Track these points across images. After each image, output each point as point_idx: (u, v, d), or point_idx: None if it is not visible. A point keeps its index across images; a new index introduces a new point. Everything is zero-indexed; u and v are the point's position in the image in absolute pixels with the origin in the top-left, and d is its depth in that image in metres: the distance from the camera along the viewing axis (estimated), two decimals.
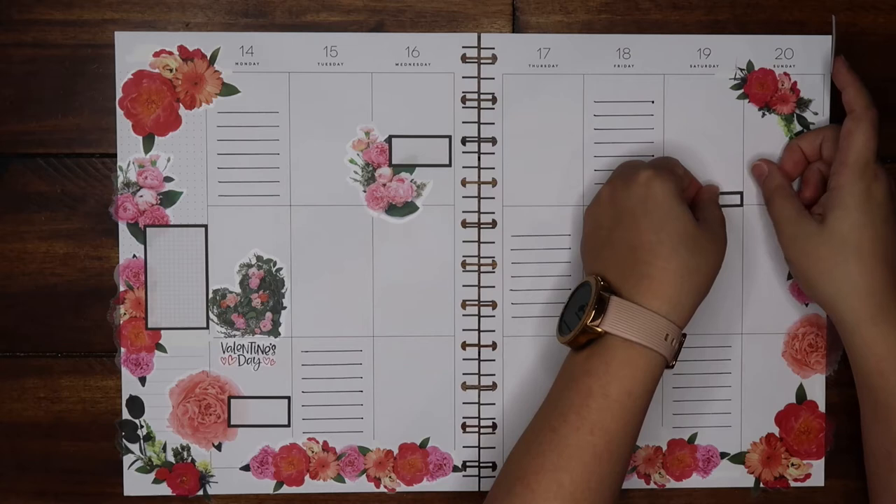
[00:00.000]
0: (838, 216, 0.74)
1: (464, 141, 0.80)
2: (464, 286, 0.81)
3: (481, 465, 0.81)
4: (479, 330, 0.81)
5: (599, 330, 0.70)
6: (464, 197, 0.80)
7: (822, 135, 0.79)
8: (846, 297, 0.74)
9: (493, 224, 0.80)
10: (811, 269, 0.75)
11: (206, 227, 0.80)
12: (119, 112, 0.79)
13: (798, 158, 0.80)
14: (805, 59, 0.80)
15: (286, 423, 0.81)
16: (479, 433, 0.81)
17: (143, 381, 0.80)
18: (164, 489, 0.81)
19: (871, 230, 0.74)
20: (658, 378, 0.71)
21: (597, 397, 0.70)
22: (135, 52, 0.79)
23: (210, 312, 0.80)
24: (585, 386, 0.70)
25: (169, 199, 0.80)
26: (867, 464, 0.77)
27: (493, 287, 0.81)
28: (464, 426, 0.81)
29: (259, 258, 0.80)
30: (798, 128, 0.81)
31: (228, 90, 0.79)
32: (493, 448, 0.81)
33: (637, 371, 0.70)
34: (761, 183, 0.80)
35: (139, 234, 0.80)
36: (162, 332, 0.80)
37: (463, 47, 0.80)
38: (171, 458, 0.81)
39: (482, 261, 0.81)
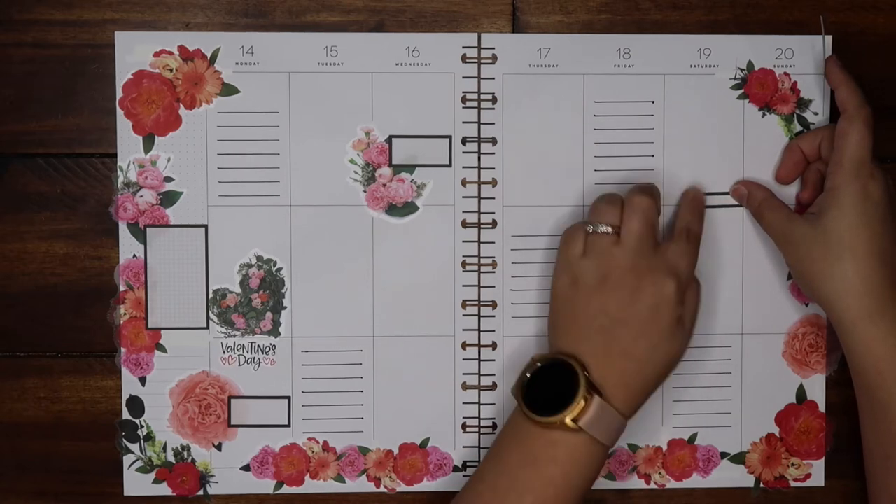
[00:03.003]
0: (834, 216, 0.74)
1: (464, 141, 0.80)
2: (464, 286, 0.81)
3: None
4: (479, 330, 0.81)
5: (572, 425, 0.71)
6: (464, 197, 0.80)
7: (821, 135, 0.79)
8: (843, 296, 0.74)
9: (493, 224, 0.80)
10: (809, 270, 0.75)
11: (206, 227, 0.80)
12: (119, 112, 0.79)
13: (798, 159, 0.80)
14: (805, 59, 0.80)
15: (286, 423, 0.81)
16: (479, 433, 0.81)
17: (143, 381, 0.80)
18: (164, 489, 0.81)
19: (868, 229, 0.74)
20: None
21: (558, 486, 0.72)
22: (135, 52, 0.79)
23: (210, 312, 0.80)
24: (549, 473, 0.72)
25: (169, 199, 0.80)
26: (866, 465, 0.77)
27: (493, 287, 0.81)
28: (464, 426, 0.81)
29: (259, 258, 0.80)
30: (798, 128, 0.81)
31: (228, 90, 0.79)
32: None
33: (596, 463, 0.73)
34: (746, 204, 0.80)
35: (139, 234, 0.80)
36: (162, 332, 0.80)
37: (463, 47, 0.80)
38: (171, 458, 0.81)
39: (482, 261, 0.81)
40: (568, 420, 0.71)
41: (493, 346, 0.81)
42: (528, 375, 0.73)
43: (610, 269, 0.73)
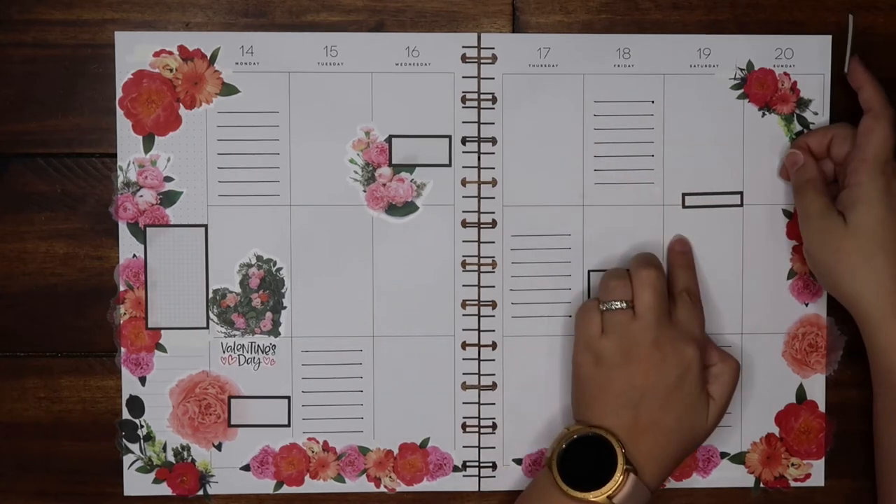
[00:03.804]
0: (863, 212, 0.74)
1: (464, 141, 0.80)
2: (464, 286, 0.81)
3: (481, 465, 0.81)
4: (479, 330, 0.81)
5: (607, 502, 0.73)
6: (464, 197, 0.80)
7: (831, 133, 0.78)
8: (873, 292, 0.73)
9: (493, 224, 0.80)
10: (837, 265, 0.75)
11: (206, 227, 0.80)
12: (119, 112, 0.79)
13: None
14: (805, 59, 0.80)
15: (286, 423, 0.81)
16: (479, 433, 0.81)
17: (143, 380, 0.80)
18: (164, 489, 0.81)
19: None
20: None
21: None
22: (135, 51, 0.79)
23: (210, 312, 0.80)
24: None
25: (169, 198, 0.80)
26: (879, 463, 0.76)
27: (493, 287, 0.81)
28: (464, 426, 0.81)
29: (259, 258, 0.80)
30: (798, 128, 0.81)
31: (228, 90, 0.79)
32: (493, 448, 0.81)
33: None
34: (793, 172, 0.79)
35: (139, 233, 0.80)
36: (162, 331, 0.80)
37: (463, 47, 0.80)
38: (171, 458, 0.81)
39: (482, 261, 0.81)
40: (604, 497, 0.72)
41: (493, 346, 0.81)
42: (564, 447, 0.74)
43: (631, 344, 0.74)
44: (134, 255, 0.80)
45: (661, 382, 0.74)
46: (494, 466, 0.82)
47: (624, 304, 0.75)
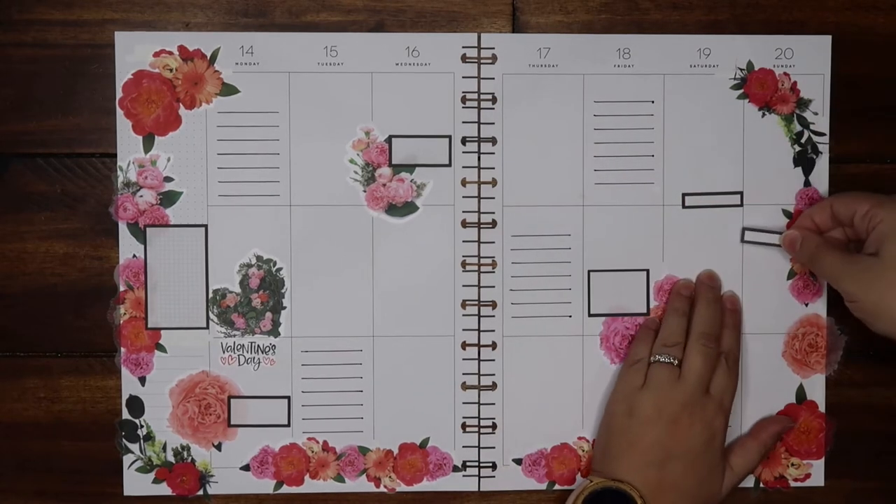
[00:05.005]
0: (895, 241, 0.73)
1: (464, 141, 0.80)
2: (464, 286, 0.81)
3: (481, 465, 0.82)
4: (479, 330, 0.81)
5: None
6: (464, 197, 0.80)
7: (828, 201, 0.78)
8: None
9: (493, 224, 0.81)
10: (881, 300, 0.73)
11: (206, 227, 0.80)
12: (119, 112, 0.79)
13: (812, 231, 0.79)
14: (805, 59, 0.80)
15: (286, 423, 0.81)
16: (479, 433, 0.81)
17: (143, 380, 0.80)
18: (164, 489, 0.81)
19: None
20: None
21: None
22: (135, 52, 0.79)
23: (210, 312, 0.80)
24: None
25: (169, 199, 0.80)
26: None
27: (493, 287, 0.81)
28: (464, 426, 0.81)
29: (259, 258, 0.80)
30: (798, 128, 0.81)
31: (228, 90, 0.79)
32: (493, 448, 0.81)
33: None
34: (797, 252, 0.78)
35: (139, 234, 0.80)
36: (162, 331, 0.80)
37: (463, 47, 0.80)
38: (171, 458, 0.81)
39: (482, 261, 0.81)
40: None
41: (493, 346, 0.81)
42: (585, 498, 0.75)
43: (667, 403, 0.76)
44: (134, 256, 0.80)
45: (689, 447, 0.76)
46: (494, 466, 0.82)
47: (674, 361, 0.77)
